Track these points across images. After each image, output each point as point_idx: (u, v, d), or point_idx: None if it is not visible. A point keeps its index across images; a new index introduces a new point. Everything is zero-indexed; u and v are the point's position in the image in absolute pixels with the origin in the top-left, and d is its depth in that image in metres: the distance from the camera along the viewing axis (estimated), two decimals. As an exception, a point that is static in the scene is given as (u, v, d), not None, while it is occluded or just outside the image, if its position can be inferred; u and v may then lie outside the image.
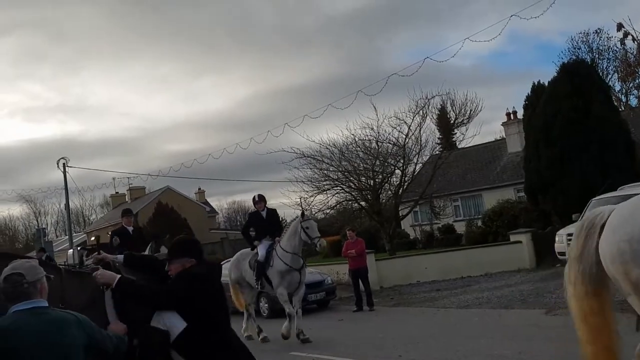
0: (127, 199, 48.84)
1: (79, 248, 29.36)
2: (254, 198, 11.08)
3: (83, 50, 78.09)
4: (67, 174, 32.54)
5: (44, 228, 45.23)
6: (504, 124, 30.97)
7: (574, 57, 28.43)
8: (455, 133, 27.36)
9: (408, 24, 73.44)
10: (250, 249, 10.82)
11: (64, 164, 32.47)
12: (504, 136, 31.78)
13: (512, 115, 30.19)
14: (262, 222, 10.66)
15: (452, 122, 24.92)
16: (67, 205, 35.76)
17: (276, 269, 10.09)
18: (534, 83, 22.46)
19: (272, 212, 11.05)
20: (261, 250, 10.37)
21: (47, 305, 2.92)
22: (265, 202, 10.95)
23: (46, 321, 2.82)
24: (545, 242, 16.77)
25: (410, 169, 23.24)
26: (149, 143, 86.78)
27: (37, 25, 75.20)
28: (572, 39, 36.32)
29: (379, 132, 22.34)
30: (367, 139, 22.53)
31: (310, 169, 22.71)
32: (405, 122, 22.39)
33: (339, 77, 67.49)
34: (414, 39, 73.17)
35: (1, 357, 2.76)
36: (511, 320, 10.24)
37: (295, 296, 10.23)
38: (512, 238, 18.62)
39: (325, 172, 22.74)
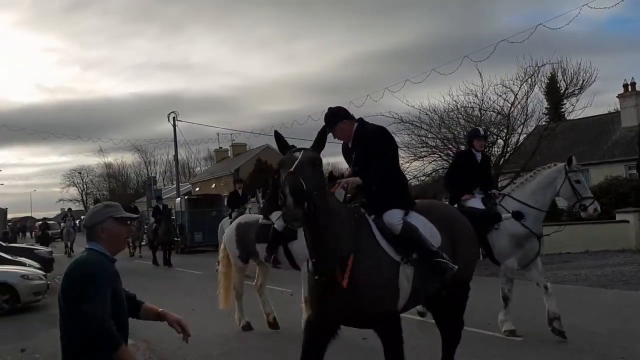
0: (229, 154, 50.91)
1: (185, 197, 31.33)
2: (475, 132, 8.23)
3: (187, 10, 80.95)
4: (176, 127, 34.43)
5: (154, 177, 48.41)
6: (619, 96, 29.08)
7: None
8: (565, 104, 26.02)
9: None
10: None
11: (174, 117, 34.39)
12: (619, 109, 29.89)
13: (629, 87, 28.25)
14: (475, 168, 7.79)
15: (562, 92, 23.78)
16: (175, 156, 38.00)
17: (508, 232, 7.27)
18: (657, 53, 20.86)
19: (487, 159, 8.34)
20: (475, 204, 7.47)
21: (93, 248, 3.19)
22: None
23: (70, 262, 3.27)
24: (654, 224, 15.90)
25: (514, 139, 22.52)
26: (250, 102, 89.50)
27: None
28: None
29: (482, 100, 21.73)
30: (469, 106, 22.00)
31: (408, 134, 22.55)
32: (512, 90, 21.61)
33: (444, 42, 65.82)
34: (525, 1, 69.33)
35: None
36: (610, 299, 9.97)
37: (534, 269, 7.49)
38: (619, 217, 17.78)
39: (424, 138, 22.52)
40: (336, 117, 4.95)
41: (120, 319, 3.12)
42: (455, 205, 7.51)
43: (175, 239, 22.90)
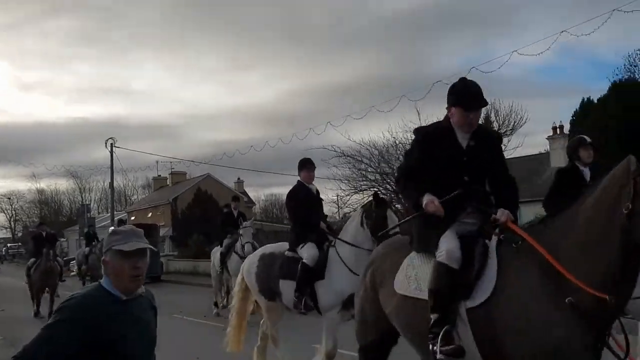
0: (168, 183, 49.96)
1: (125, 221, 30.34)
2: (581, 140, 6.11)
3: (133, 36, 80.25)
4: (113, 153, 33.55)
5: (88, 204, 46.84)
6: (549, 138, 30.45)
7: (628, 75, 27.63)
8: (498, 143, 27.09)
9: (455, 30, 72.62)
10: None
11: (111, 144, 33.52)
12: (549, 150, 31.27)
13: (558, 130, 29.66)
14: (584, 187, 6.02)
15: (495, 132, 24.75)
16: (111, 183, 36.90)
17: None
18: (583, 99, 22.05)
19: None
20: None
21: (101, 283, 2.72)
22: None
23: None
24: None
25: (450, 175, 23.20)
26: (191, 130, 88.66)
27: (90, 7, 77.70)
28: (628, 56, 35.21)
29: (420, 137, 22.35)
30: (408, 142, 22.57)
31: (349, 168, 22.96)
32: (448, 129, 22.32)
33: (384, 79, 67.41)
34: (461, 45, 72.27)
35: None
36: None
37: None
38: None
39: (364, 172, 22.93)
40: (483, 98, 3.70)
41: None
42: None
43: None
